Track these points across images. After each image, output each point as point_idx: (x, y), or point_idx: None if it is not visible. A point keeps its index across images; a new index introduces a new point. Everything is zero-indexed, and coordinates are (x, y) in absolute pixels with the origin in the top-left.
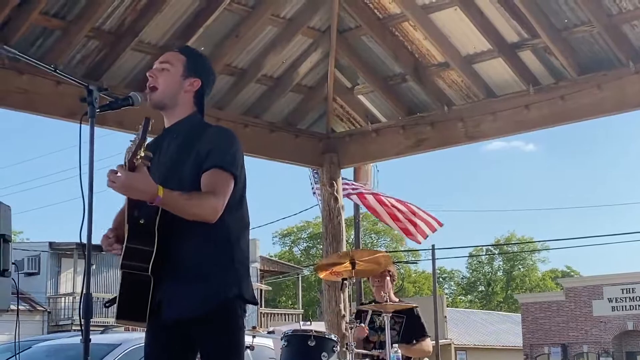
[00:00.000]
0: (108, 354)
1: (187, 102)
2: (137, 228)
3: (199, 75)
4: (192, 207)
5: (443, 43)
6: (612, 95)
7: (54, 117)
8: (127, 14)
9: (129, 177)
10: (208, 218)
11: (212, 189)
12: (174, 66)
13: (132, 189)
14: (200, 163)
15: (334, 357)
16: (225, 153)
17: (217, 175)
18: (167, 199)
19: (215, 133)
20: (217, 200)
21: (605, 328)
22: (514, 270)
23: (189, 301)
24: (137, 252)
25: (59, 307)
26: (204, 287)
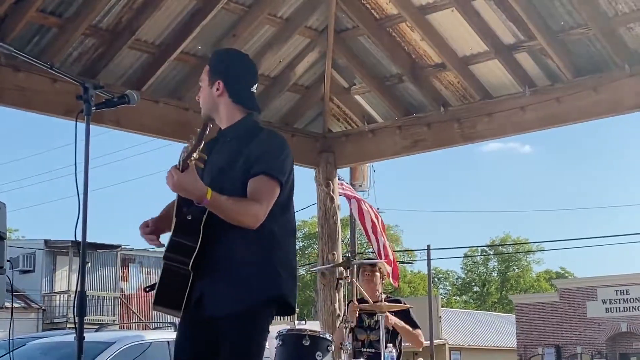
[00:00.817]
0: (102, 352)
1: (226, 104)
2: (184, 223)
3: (220, 75)
4: (236, 213)
5: (440, 44)
6: (607, 97)
7: (50, 115)
8: (124, 12)
9: (180, 177)
10: (249, 225)
11: (256, 196)
12: (204, 80)
13: (182, 189)
14: (249, 167)
15: (329, 356)
16: (274, 159)
17: (263, 182)
18: (214, 202)
19: (266, 138)
20: (260, 208)
21: (599, 329)
22: (509, 271)
23: (223, 300)
24: (181, 246)
25: (53, 305)
26: (238, 286)
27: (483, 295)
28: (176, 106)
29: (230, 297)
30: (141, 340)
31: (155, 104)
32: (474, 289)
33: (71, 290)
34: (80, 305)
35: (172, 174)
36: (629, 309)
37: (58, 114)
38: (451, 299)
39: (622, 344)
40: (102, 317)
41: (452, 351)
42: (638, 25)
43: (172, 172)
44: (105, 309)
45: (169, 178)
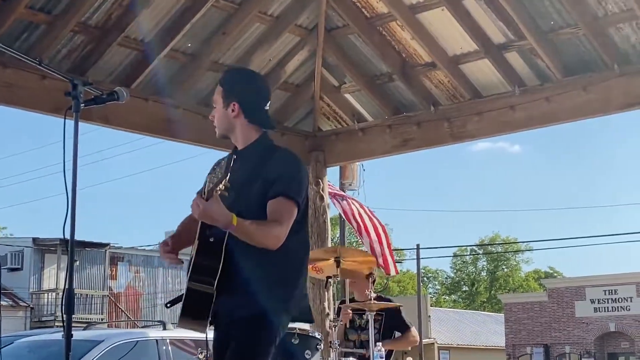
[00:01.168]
0: (91, 350)
1: (242, 125)
2: (207, 245)
3: (235, 97)
4: (260, 237)
5: (430, 43)
6: (597, 97)
7: (39, 112)
8: (114, 9)
9: (205, 207)
10: (271, 246)
11: (277, 218)
12: (217, 101)
13: (209, 217)
14: (267, 187)
15: (318, 355)
16: (292, 180)
17: (282, 204)
18: (240, 227)
19: (282, 159)
20: (281, 229)
21: (588, 329)
22: (498, 270)
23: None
24: (205, 268)
25: (41, 303)
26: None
27: (472, 294)
28: (165, 104)
29: (238, 304)
30: (129, 338)
31: (145, 101)
32: (463, 288)
33: (59, 289)
34: (68, 303)
35: (197, 204)
36: (617, 308)
37: (46, 111)
38: (440, 298)
39: (610, 344)
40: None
41: (441, 350)
42: (627, 26)
43: (197, 201)
44: (94, 308)
45: (195, 208)
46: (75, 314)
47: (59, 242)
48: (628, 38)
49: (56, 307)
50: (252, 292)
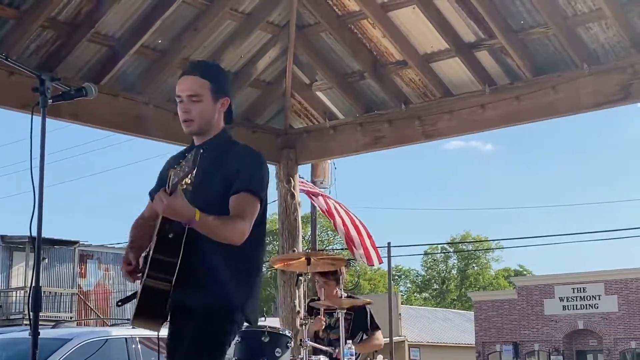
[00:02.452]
0: (59, 348)
1: (219, 120)
2: (165, 241)
3: (226, 92)
4: (224, 232)
5: (401, 41)
6: (566, 96)
7: (6, 108)
8: (84, 5)
9: (170, 201)
10: (235, 242)
11: (240, 213)
12: (204, 95)
13: (172, 212)
14: (228, 181)
15: (288, 353)
16: (254, 176)
17: (246, 199)
18: (203, 222)
19: (244, 154)
20: (245, 225)
21: (556, 327)
22: (468, 268)
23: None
24: (163, 263)
25: (10, 301)
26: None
27: (442, 292)
28: (135, 100)
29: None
30: (98, 336)
31: (115, 98)
32: (433, 286)
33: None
34: (35, 301)
35: (161, 198)
36: (586, 306)
37: (14, 107)
38: (411, 296)
39: (578, 342)
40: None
41: (411, 348)
42: (597, 25)
43: (161, 196)
44: (63, 306)
45: (159, 202)
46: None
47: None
48: (597, 37)
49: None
50: (210, 286)
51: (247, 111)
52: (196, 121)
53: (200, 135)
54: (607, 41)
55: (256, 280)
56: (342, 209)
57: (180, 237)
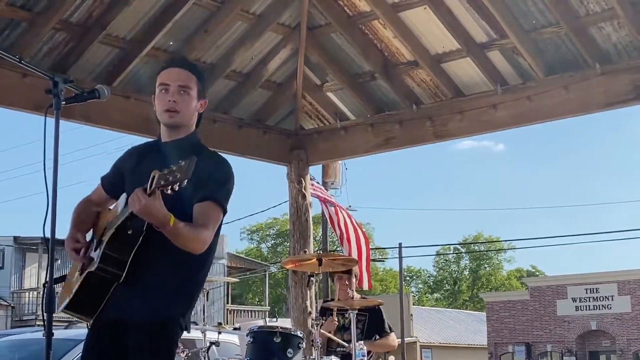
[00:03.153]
0: (72, 349)
1: (194, 121)
2: (123, 236)
3: (206, 95)
4: (190, 240)
5: (412, 42)
6: (578, 96)
7: (20, 110)
8: (95, 7)
9: (148, 202)
10: (197, 250)
11: (205, 222)
12: (192, 90)
13: (147, 213)
14: (195, 187)
15: (300, 353)
16: (222, 186)
17: (211, 209)
18: (174, 229)
19: (214, 162)
20: (207, 234)
21: (569, 327)
22: (480, 269)
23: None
24: (114, 259)
25: (22, 302)
26: (154, 299)
27: (454, 293)
28: (147, 102)
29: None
30: None
31: (126, 99)
32: (445, 287)
33: (40, 288)
34: (50, 301)
35: (139, 198)
36: (599, 307)
37: (27, 109)
38: (422, 297)
39: (591, 342)
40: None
41: (423, 349)
42: (609, 25)
43: (139, 195)
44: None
45: (135, 202)
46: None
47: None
48: (609, 37)
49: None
50: (159, 295)
51: (258, 112)
52: (181, 113)
53: (174, 130)
54: (619, 41)
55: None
56: (351, 224)
57: (138, 236)
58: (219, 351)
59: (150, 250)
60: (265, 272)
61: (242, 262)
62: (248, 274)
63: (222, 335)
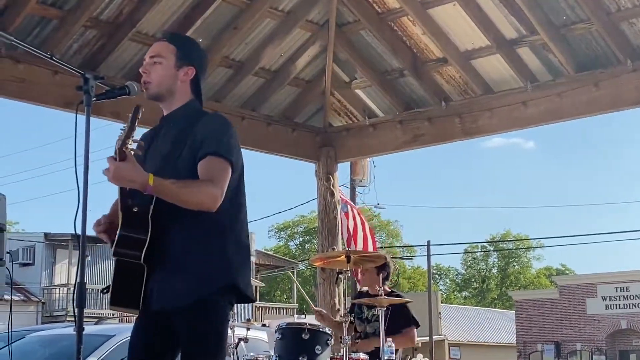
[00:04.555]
0: (102, 345)
1: (183, 91)
2: (131, 216)
3: (192, 62)
4: (189, 195)
5: (441, 38)
6: (609, 93)
7: (50, 107)
8: (125, 4)
9: (117, 167)
10: (208, 206)
11: (209, 177)
12: (166, 58)
13: (122, 178)
14: (195, 150)
15: (328, 350)
16: (220, 140)
17: (214, 163)
18: (159, 187)
19: (209, 120)
20: (216, 188)
21: (599, 326)
22: (509, 267)
23: (173, 292)
24: (130, 240)
25: (53, 298)
26: (188, 278)
27: (483, 291)
28: None
29: (180, 289)
30: None
31: None
32: (473, 285)
33: (71, 284)
34: (80, 296)
35: (109, 165)
36: (629, 305)
37: (58, 106)
38: (451, 295)
39: (621, 341)
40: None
41: (451, 347)
42: None
43: (108, 162)
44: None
45: (107, 170)
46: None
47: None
48: None
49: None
50: (193, 271)
51: (287, 110)
52: (154, 83)
53: (164, 104)
54: None
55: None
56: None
57: (147, 212)
58: (248, 347)
59: (168, 231)
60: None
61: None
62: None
63: (250, 331)
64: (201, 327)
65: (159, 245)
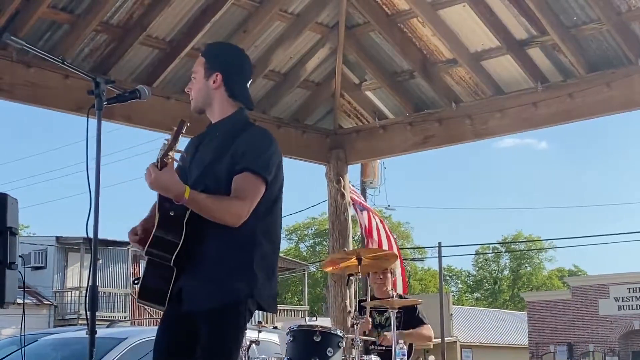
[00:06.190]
0: (114, 348)
1: (220, 97)
2: (167, 219)
3: (218, 68)
4: (217, 212)
5: (451, 40)
6: (620, 93)
7: (62, 111)
8: (135, 8)
9: (158, 175)
10: (231, 223)
11: (240, 194)
12: (198, 71)
13: (160, 186)
14: (235, 162)
15: (340, 352)
16: (259, 156)
17: (247, 180)
18: (193, 200)
19: (252, 134)
20: (243, 206)
21: (612, 327)
22: (521, 268)
23: (198, 296)
24: (163, 242)
25: (65, 302)
26: (214, 285)
27: (494, 292)
28: (187, 102)
29: (205, 293)
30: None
31: (167, 100)
32: (485, 286)
33: (82, 287)
34: (92, 300)
35: (150, 172)
36: None
37: (69, 110)
38: (462, 296)
39: (635, 342)
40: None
41: (463, 349)
42: None
43: (150, 169)
44: (117, 306)
45: (147, 176)
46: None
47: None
48: None
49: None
50: (219, 278)
51: (297, 112)
52: (194, 99)
53: (208, 115)
54: None
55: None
56: (383, 230)
57: (182, 217)
58: (259, 350)
59: (200, 238)
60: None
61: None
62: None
63: (262, 334)
64: (219, 332)
65: (190, 250)
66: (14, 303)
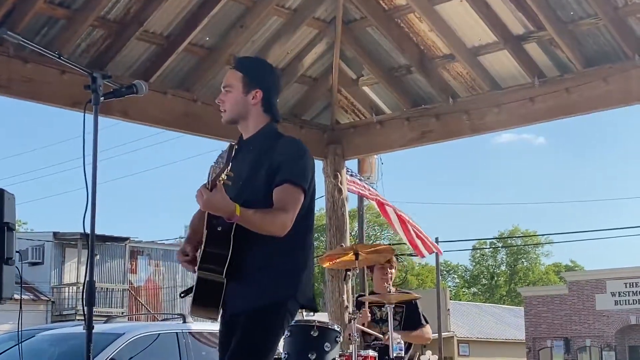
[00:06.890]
0: (111, 343)
1: (256, 113)
2: (215, 234)
3: (259, 85)
4: (265, 225)
5: (448, 35)
6: (617, 88)
7: (59, 106)
8: (132, 3)
9: (209, 196)
10: (277, 234)
11: (283, 205)
12: (235, 87)
13: (212, 207)
14: (271, 175)
15: (337, 347)
16: (296, 166)
17: (288, 191)
18: (244, 217)
19: (286, 145)
20: (287, 217)
21: (608, 322)
22: (518, 263)
23: (242, 299)
24: (214, 256)
25: (62, 297)
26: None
27: (491, 287)
28: (184, 98)
29: (249, 296)
30: (150, 331)
31: (163, 95)
32: (482, 281)
33: (80, 282)
34: (89, 295)
35: (201, 194)
36: (639, 301)
37: (66, 106)
38: (459, 291)
39: (631, 337)
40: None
41: (460, 344)
42: None
43: (201, 191)
44: (114, 301)
45: (199, 197)
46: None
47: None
48: None
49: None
50: (261, 282)
51: (294, 107)
52: (227, 111)
53: (241, 127)
54: None
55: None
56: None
57: (229, 231)
58: None
59: (245, 248)
60: None
61: None
62: None
63: None
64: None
65: (237, 260)
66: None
